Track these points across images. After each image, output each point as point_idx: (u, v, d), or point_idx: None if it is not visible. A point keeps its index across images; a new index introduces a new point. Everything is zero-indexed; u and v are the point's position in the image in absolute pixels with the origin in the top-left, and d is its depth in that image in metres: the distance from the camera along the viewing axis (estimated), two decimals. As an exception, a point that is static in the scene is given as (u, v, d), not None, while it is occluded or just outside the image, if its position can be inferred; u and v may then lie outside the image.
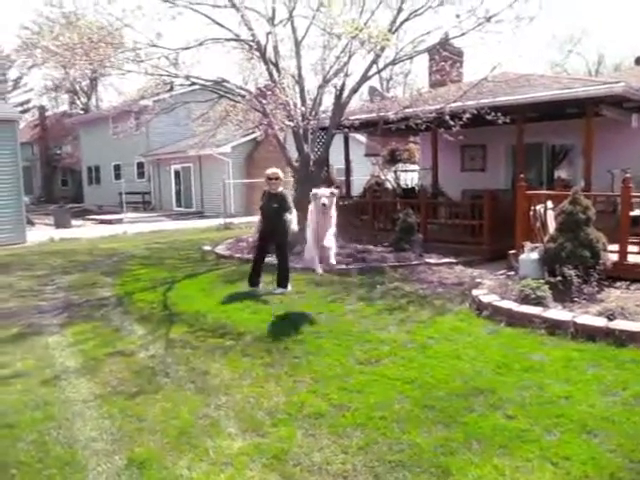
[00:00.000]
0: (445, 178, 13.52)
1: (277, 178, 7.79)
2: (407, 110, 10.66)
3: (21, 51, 11.45)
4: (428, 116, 10.28)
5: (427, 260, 9.44)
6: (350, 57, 10.57)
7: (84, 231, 18.78)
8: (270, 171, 7.88)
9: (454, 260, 9.45)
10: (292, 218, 7.82)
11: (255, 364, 5.06)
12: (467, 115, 9.79)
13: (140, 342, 5.85)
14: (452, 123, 10.00)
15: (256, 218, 11.84)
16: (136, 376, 4.88)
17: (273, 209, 7.66)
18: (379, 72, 12.70)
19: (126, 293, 8.29)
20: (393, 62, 11.43)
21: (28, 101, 46.67)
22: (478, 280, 7.92)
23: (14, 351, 5.73)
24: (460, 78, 14.64)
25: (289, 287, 7.85)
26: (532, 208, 7.99)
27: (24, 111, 42.96)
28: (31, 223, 18.82)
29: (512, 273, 8.00)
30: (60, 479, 3.31)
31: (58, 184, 39.44)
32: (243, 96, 10.94)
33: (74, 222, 21.18)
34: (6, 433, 3.88)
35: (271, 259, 8.22)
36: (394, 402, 4.18)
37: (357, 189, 15.59)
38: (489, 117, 9.67)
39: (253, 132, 16.05)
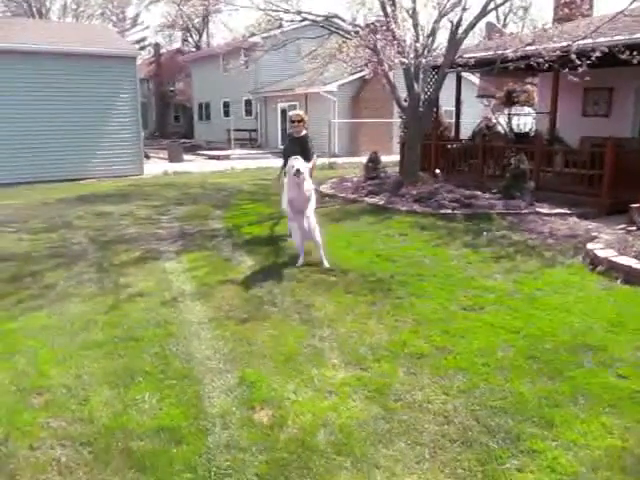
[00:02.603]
0: (563, 123, 12.58)
1: (300, 120, 7.32)
2: (528, 48, 9.93)
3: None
4: (551, 55, 9.52)
5: (538, 209, 8.99)
6: (469, -11, 9.94)
7: (195, 165, 19.65)
8: (292, 113, 7.49)
9: (568, 211, 8.93)
10: (313, 162, 7.06)
11: (358, 301, 5.18)
12: (597, 54, 8.94)
13: (249, 272, 6.15)
14: (578, 63, 9.19)
15: (361, 159, 11.78)
16: (246, 303, 5.17)
17: (295, 154, 6.97)
18: (499, 6, 11.86)
19: (235, 225, 8.68)
20: (516, -6, 10.62)
21: (144, 39, 48.58)
22: (594, 233, 7.47)
23: (137, 273, 6.25)
24: (590, 12, 13.34)
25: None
26: (663, 158, 7.30)
27: (141, 48, 44.83)
28: (147, 156, 19.94)
29: (633, 228, 7.45)
30: (179, 389, 3.63)
31: (171, 120, 41.16)
32: (356, 32, 10.67)
33: (185, 157, 22.19)
34: (133, 345, 4.29)
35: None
36: (497, 350, 4.14)
37: (465, 133, 14.95)
38: (622, 56, 8.77)
39: (361, 70, 15.74)
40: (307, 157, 6.87)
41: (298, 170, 5.93)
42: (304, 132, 7.40)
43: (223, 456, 2.96)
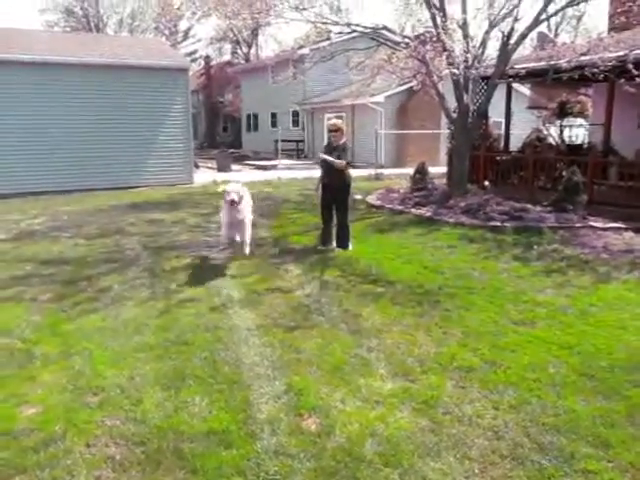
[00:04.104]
0: (618, 135, 12.23)
1: (338, 130, 7.32)
2: (583, 58, 9.70)
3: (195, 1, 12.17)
4: (607, 64, 9.28)
5: (591, 223, 8.73)
6: (521, -1, 9.81)
7: (242, 175, 19.92)
8: (330, 122, 7.52)
9: (623, 225, 8.64)
10: (343, 164, 7.16)
11: (405, 312, 5.15)
12: (656, 63, 8.68)
13: (296, 281, 6.20)
14: (635, 73, 8.93)
15: (407, 170, 11.74)
16: (293, 311, 5.22)
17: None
18: (552, 16, 11.67)
19: (282, 235, 8.77)
20: (570, 3, 10.40)
21: (195, 51, 49.93)
22: (651, 249, 7.21)
23: (187, 278, 6.38)
24: (648, 21, 12.93)
25: (350, 246, 7.51)
26: None
27: (192, 61, 46.05)
28: (196, 166, 20.35)
29: (694, 244, 7.16)
30: (228, 394, 3.69)
31: (219, 130, 41.97)
32: (407, 44, 10.67)
33: (233, 167, 22.55)
34: (184, 349, 4.39)
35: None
36: (549, 366, 4.04)
37: (515, 144, 14.69)
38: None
39: (410, 81, 15.70)
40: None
41: (233, 200, 6.54)
42: (343, 140, 7.42)
43: (271, 462, 2.99)
